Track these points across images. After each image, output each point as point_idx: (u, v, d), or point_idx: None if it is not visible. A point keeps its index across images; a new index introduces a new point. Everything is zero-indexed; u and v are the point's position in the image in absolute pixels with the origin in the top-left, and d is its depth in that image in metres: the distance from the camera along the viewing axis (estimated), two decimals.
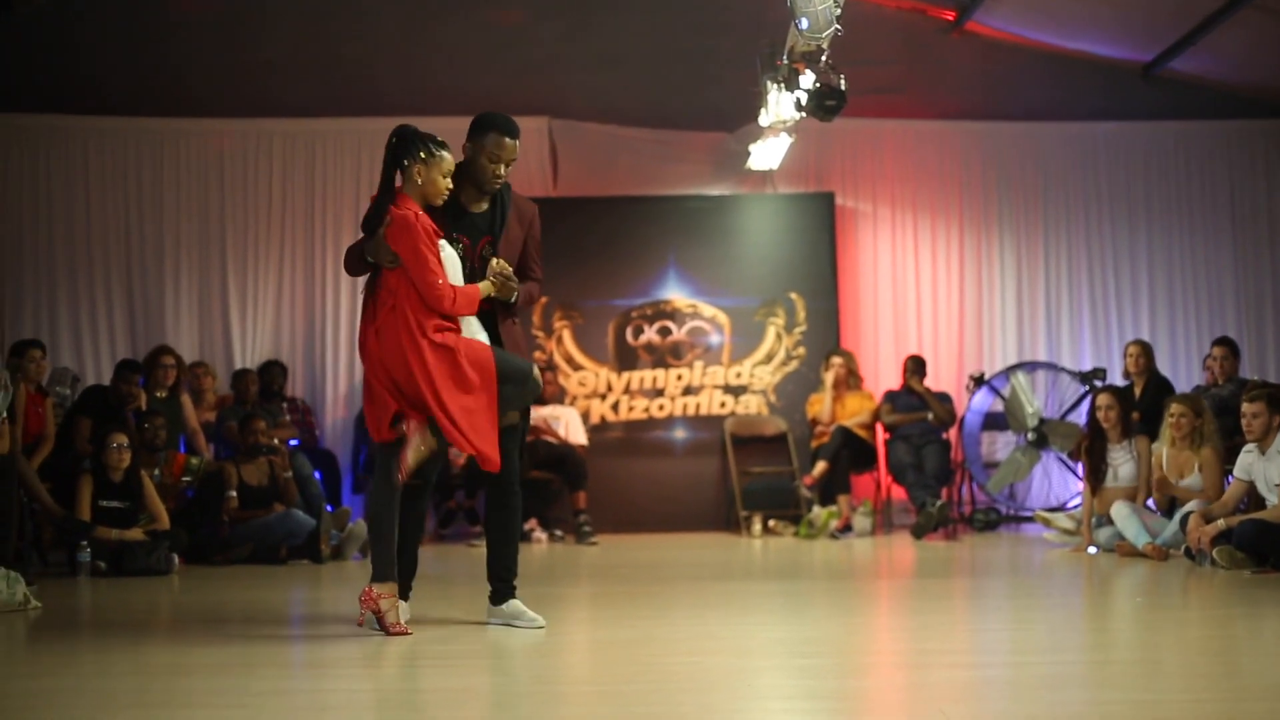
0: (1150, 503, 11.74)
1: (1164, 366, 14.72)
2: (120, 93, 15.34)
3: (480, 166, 7.40)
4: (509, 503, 8.02)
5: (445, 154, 7.23)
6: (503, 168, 7.44)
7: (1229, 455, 11.41)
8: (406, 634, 6.98)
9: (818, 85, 11.57)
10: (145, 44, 15.11)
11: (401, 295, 7.02)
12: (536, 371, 7.41)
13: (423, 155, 7.19)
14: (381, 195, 7.16)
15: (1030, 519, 14.68)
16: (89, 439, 11.77)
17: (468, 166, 7.44)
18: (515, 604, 7.50)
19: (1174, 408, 11.48)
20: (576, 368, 15.31)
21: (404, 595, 7.38)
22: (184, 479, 12.44)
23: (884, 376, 15.60)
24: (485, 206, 7.49)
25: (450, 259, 7.15)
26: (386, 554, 7.11)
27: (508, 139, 7.47)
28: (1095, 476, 11.98)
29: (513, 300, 7.35)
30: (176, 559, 11.12)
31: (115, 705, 5.52)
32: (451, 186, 7.25)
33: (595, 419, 15.26)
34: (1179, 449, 11.39)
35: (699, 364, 15.47)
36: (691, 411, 15.45)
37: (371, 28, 15.15)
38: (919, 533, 13.49)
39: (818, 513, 14.03)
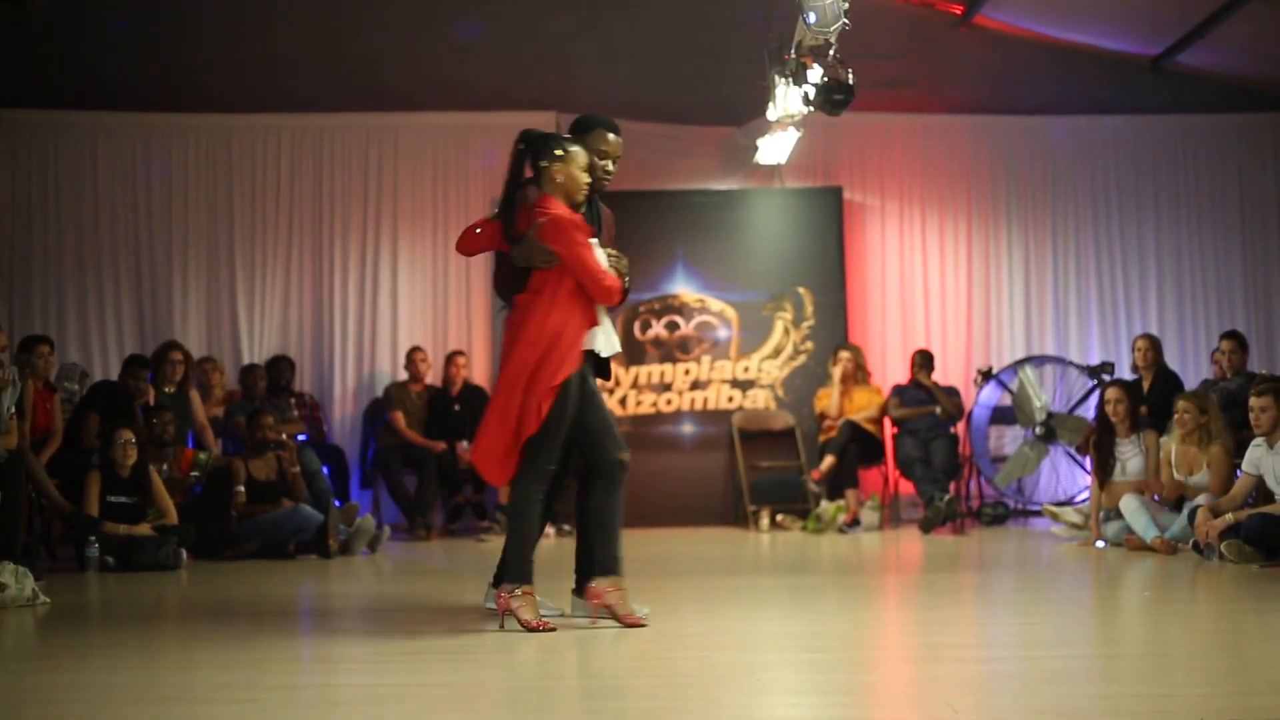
0: (1157, 497, 11.73)
1: (1172, 360, 14.71)
2: (128, 88, 15.35)
3: (590, 166, 7.35)
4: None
5: (578, 149, 7.24)
6: (611, 164, 7.50)
7: (1237, 449, 11.40)
8: (551, 629, 6.94)
9: (825, 79, 11.56)
10: (153, 39, 15.12)
11: (547, 292, 7.05)
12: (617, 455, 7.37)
13: (559, 154, 7.18)
14: (506, 204, 7.18)
15: (1038, 513, 14.68)
16: (97, 434, 11.77)
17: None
18: None
19: (1179, 404, 11.48)
20: None
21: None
22: (192, 474, 12.45)
23: (892, 371, 15.59)
24: (584, 207, 7.46)
25: (600, 254, 7.21)
26: (521, 554, 7.10)
27: (613, 135, 7.53)
28: (1103, 471, 11.96)
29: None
30: (185, 554, 11.13)
31: (123, 699, 5.53)
32: (589, 180, 7.27)
33: None
34: (1186, 446, 11.39)
35: (707, 358, 15.47)
36: (699, 406, 15.44)
37: (379, 22, 15.15)
38: (927, 527, 13.49)
39: (825, 507, 14.03)
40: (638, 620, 7.03)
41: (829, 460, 14.24)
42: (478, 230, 7.28)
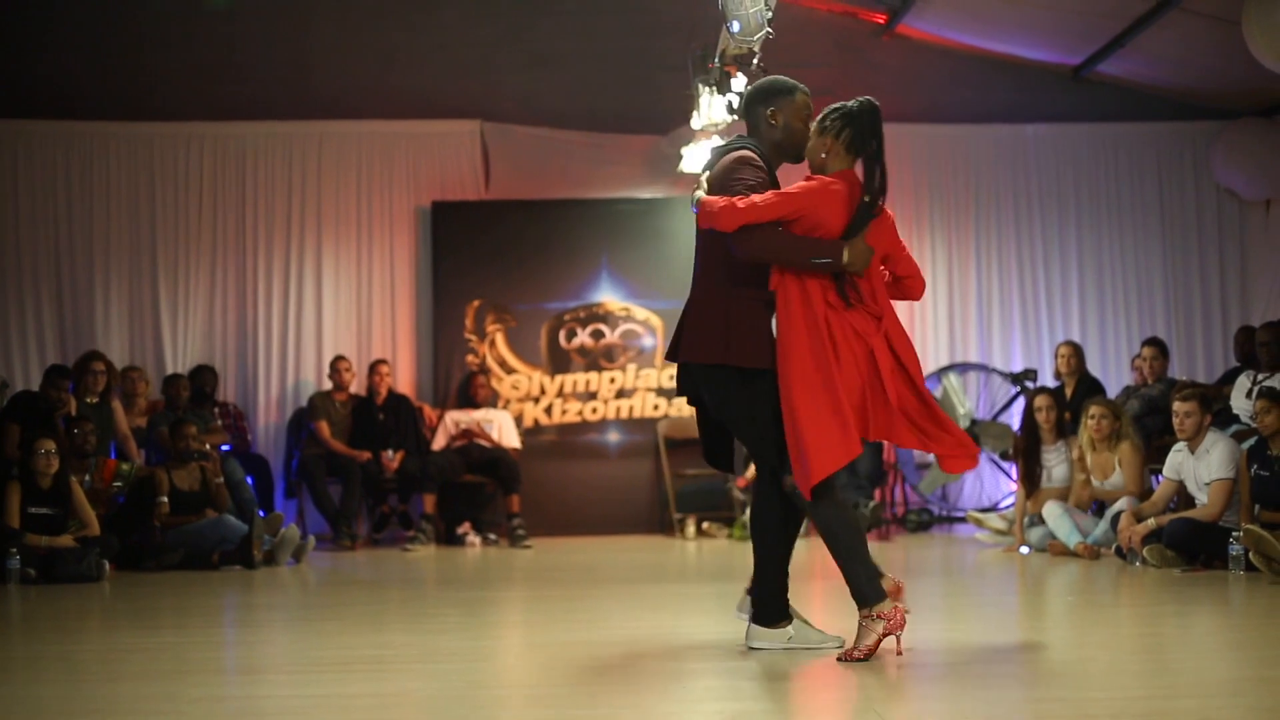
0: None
1: (1094, 367, 14.79)
2: (49, 96, 15.21)
3: (797, 131, 6.96)
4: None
5: None
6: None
7: (1158, 455, 11.51)
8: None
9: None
10: (74, 47, 14.96)
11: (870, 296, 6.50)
12: None
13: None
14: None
15: (963, 519, 14.75)
16: (18, 445, 11.66)
17: (780, 136, 6.95)
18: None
19: (1093, 410, 11.57)
20: (509, 371, 15.28)
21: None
22: (115, 485, 12.36)
23: None
24: None
25: None
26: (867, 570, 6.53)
27: (806, 94, 7.12)
28: (1029, 479, 12.03)
29: None
30: (107, 566, 11.03)
31: (46, 712, 5.49)
32: None
33: (528, 422, 15.22)
34: (1100, 451, 11.49)
35: (632, 367, 15.47)
36: (625, 414, 15.44)
37: (303, 30, 15.06)
38: None
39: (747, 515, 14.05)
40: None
41: (754, 468, 14.23)
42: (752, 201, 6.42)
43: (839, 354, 6.29)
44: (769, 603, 6.68)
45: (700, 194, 6.53)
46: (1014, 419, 14.70)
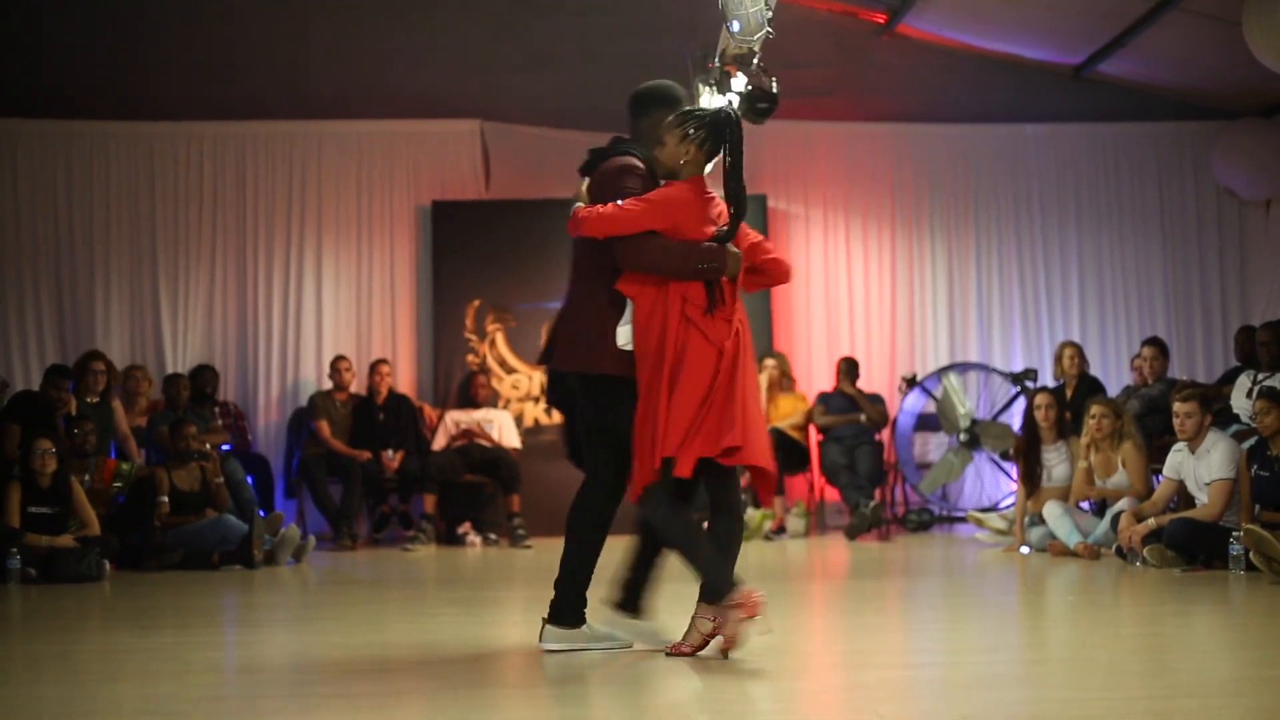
0: (1085, 504, 11.80)
1: (1094, 367, 14.78)
2: (49, 95, 15.21)
3: None
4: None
5: None
6: None
7: (1158, 455, 11.51)
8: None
9: (749, 88, 11.61)
10: (75, 46, 14.96)
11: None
12: None
13: None
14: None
15: (963, 519, 14.74)
16: (18, 445, 11.66)
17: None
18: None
19: (1094, 409, 11.56)
20: (510, 371, 15.27)
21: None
22: (115, 485, 12.35)
23: (817, 378, 15.62)
24: None
25: None
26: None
27: None
28: (1030, 477, 12.02)
29: None
30: (108, 565, 11.03)
31: (46, 713, 5.49)
32: None
33: (529, 422, 15.21)
34: (1102, 450, 11.49)
35: None
36: None
37: (302, 30, 15.06)
38: (852, 534, 13.53)
39: (751, 515, 14.03)
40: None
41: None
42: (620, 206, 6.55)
43: (684, 368, 6.39)
44: (570, 605, 6.63)
45: (579, 200, 6.65)
46: (1014, 419, 14.70)
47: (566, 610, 6.59)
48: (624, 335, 6.45)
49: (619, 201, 6.44)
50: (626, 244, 6.41)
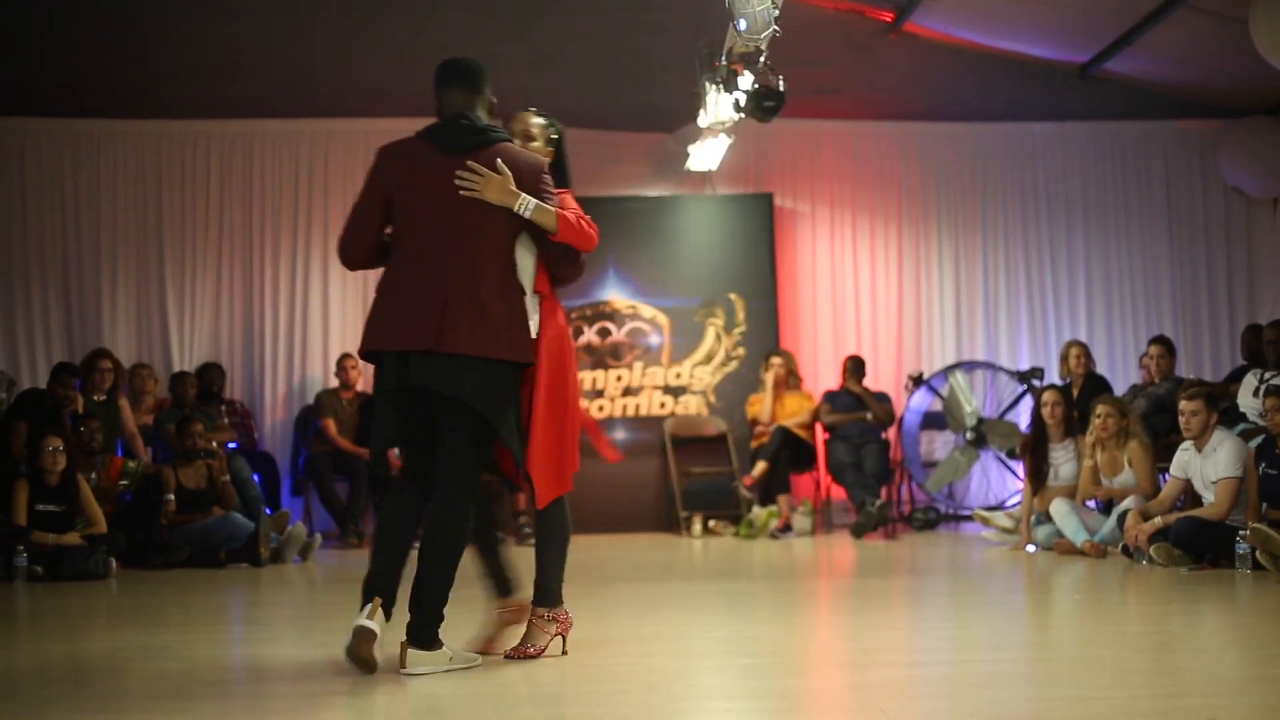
0: (1091, 502, 11.79)
1: (1101, 365, 14.80)
2: (56, 93, 15.21)
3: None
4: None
5: None
6: None
7: (1164, 454, 11.50)
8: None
9: (756, 86, 11.60)
10: (82, 44, 14.96)
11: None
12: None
13: None
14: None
15: (969, 518, 14.73)
16: (25, 443, 11.68)
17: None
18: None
19: (1100, 409, 11.56)
20: None
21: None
22: (121, 483, 12.37)
23: (823, 377, 15.62)
24: None
25: None
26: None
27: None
28: (1037, 477, 12.03)
29: None
30: (114, 563, 11.06)
31: (52, 710, 5.49)
32: None
33: None
34: (1108, 449, 11.48)
35: (639, 365, 15.46)
36: (631, 412, 15.43)
37: (310, 29, 15.06)
38: (859, 532, 13.52)
39: (758, 513, 14.04)
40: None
41: (761, 466, 14.26)
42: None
43: (570, 373, 6.53)
44: (432, 624, 6.26)
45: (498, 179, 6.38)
46: (1021, 417, 14.70)
47: (428, 630, 6.25)
48: (534, 325, 6.44)
49: (566, 210, 6.70)
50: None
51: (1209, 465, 10.38)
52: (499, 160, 6.37)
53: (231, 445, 13.62)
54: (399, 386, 6.18)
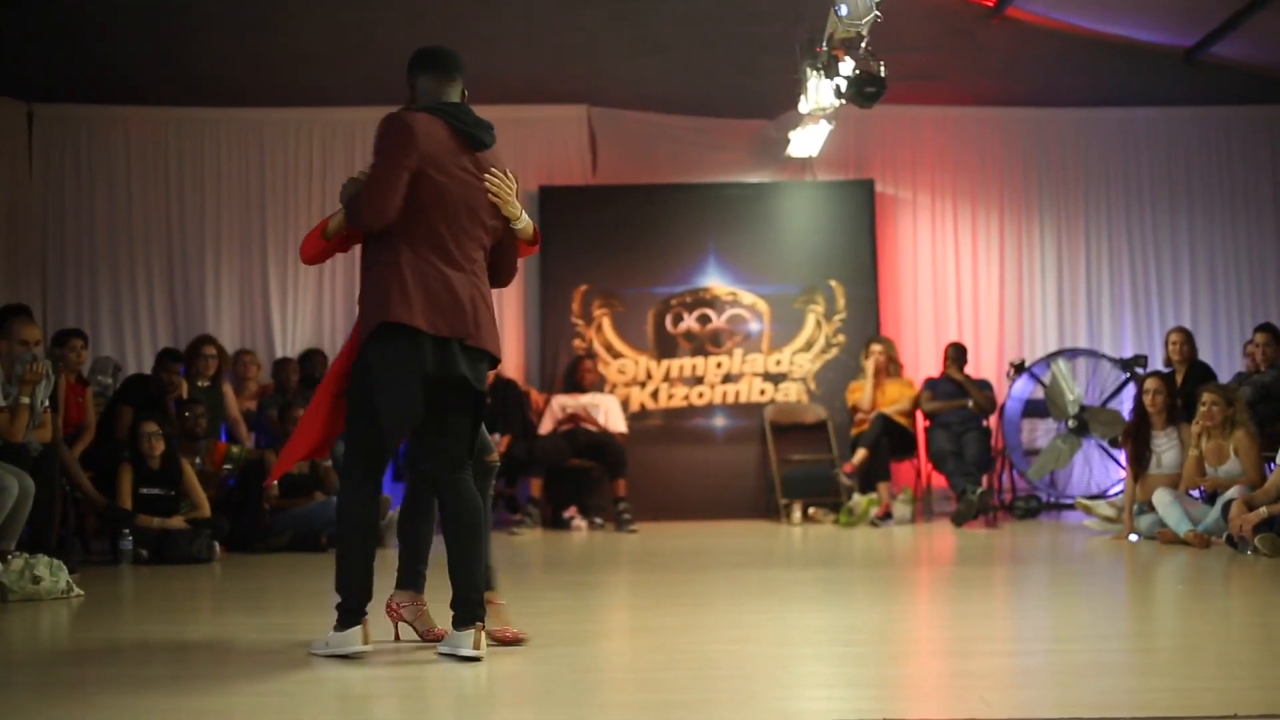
0: (1195, 491, 11.68)
1: (1205, 353, 14.65)
2: (160, 82, 15.37)
3: None
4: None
5: None
6: None
7: (1270, 442, 11.38)
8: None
9: (857, 72, 11.56)
10: (181, 33, 15.11)
11: None
12: None
13: None
14: None
15: (1071, 506, 14.61)
16: (129, 428, 11.80)
17: None
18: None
19: (1205, 397, 11.45)
20: (616, 355, 15.30)
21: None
22: (225, 467, 12.48)
23: (924, 364, 15.56)
24: None
25: None
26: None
27: None
28: (1139, 463, 11.94)
29: None
30: (218, 547, 11.16)
31: (155, 690, 5.55)
32: None
33: (635, 407, 15.24)
34: (1214, 438, 11.37)
35: (738, 351, 15.44)
36: (731, 399, 15.42)
37: (408, 16, 15.12)
38: (959, 520, 13.46)
39: (858, 500, 14.00)
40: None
41: (861, 453, 14.22)
42: None
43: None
44: (481, 600, 6.33)
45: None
46: (1124, 405, 14.58)
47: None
48: None
49: None
50: None
51: None
52: (507, 169, 6.55)
53: None
54: (439, 373, 6.21)
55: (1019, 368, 15.06)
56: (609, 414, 14.63)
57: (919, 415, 14.80)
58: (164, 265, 15.34)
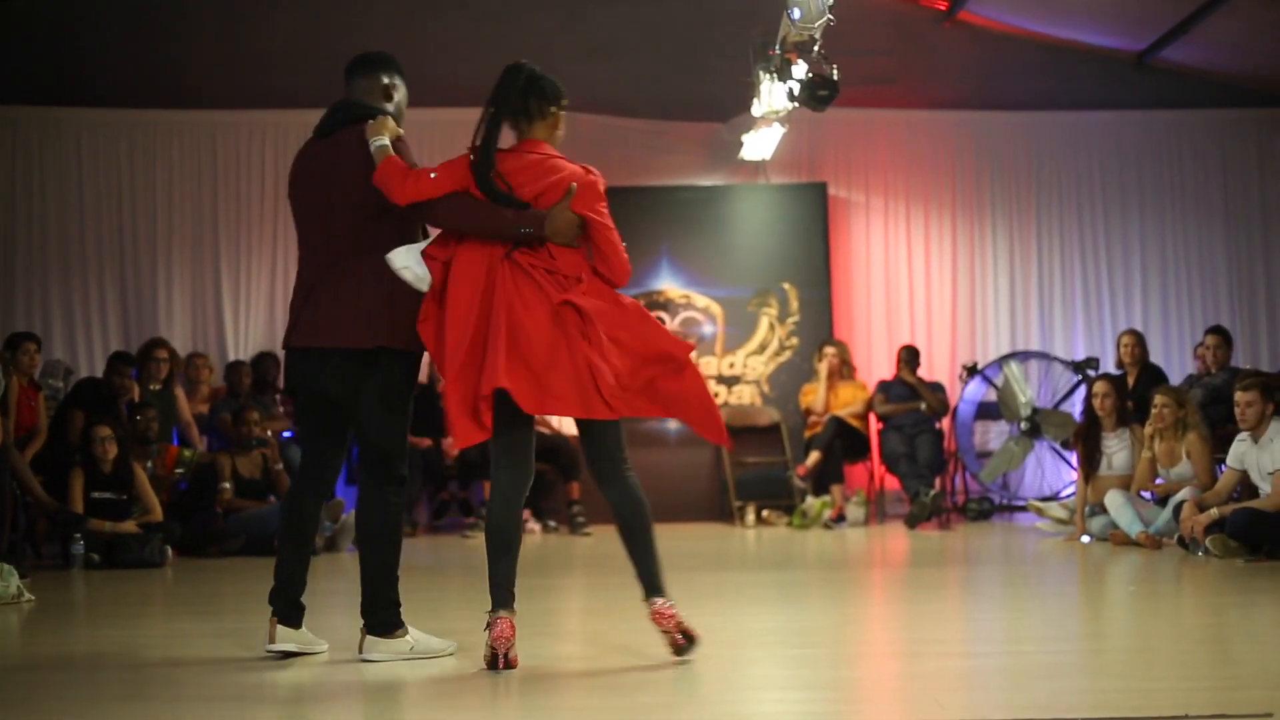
0: (1147, 493, 11.72)
1: (1156, 355, 14.72)
2: (112, 84, 15.31)
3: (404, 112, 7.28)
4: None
5: None
6: None
7: (1221, 444, 11.43)
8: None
9: (810, 75, 11.58)
10: (137, 35, 15.05)
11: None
12: None
13: (565, 101, 6.80)
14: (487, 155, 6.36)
15: (1023, 508, 14.67)
16: (81, 431, 11.75)
17: (395, 111, 7.24)
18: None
19: (1157, 399, 11.50)
20: None
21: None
22: (177, 471, 12.45)
23: (877, 366, 15.60)
24: None
25: None
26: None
27: None
28: (1089, 464, 11.99)
29: None
30: (170, 551, 11.13)
31: (106, 697, 5.53)
32: None
33: None
34: (1166, 440, 11.42)
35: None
36: None
37: (364, 19, 15.09)
38: (912, 522, 13.50)
39: (811, 503, 14.03)
40: None
41: (814, 456, 14.24)
42: (432, 175, 6.34)
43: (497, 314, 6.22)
44: (386, 611, 6.28)
45: (382, 141, 6.55)
46: (1076, 407, 14.64)
47: (381, 617, 6.29)
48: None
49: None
50: (440, 206, 6.37)
51: (1265, 456, 10.32)
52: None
53: (286, 434, 13.66)
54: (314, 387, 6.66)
55: (971, 370, 15.11)
56: (562, 417, 14.59)
57: (872, 418, 14.83)
58: (115, 268, 15.27)
